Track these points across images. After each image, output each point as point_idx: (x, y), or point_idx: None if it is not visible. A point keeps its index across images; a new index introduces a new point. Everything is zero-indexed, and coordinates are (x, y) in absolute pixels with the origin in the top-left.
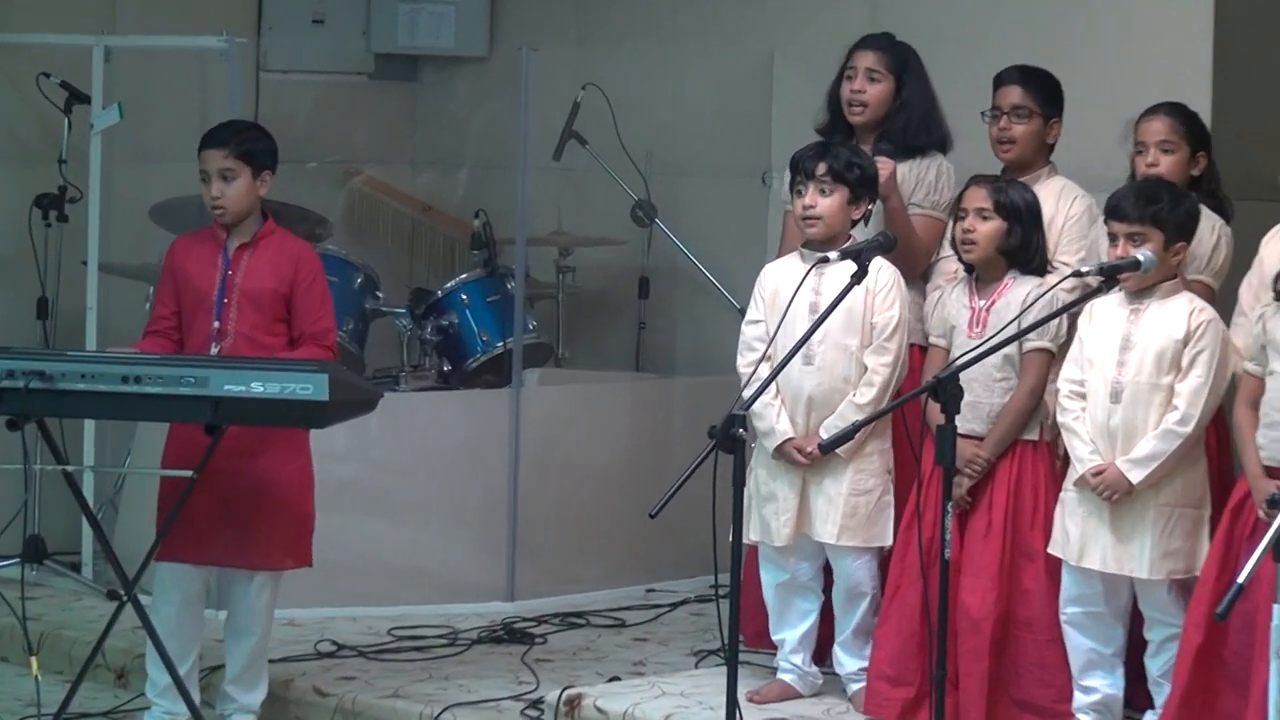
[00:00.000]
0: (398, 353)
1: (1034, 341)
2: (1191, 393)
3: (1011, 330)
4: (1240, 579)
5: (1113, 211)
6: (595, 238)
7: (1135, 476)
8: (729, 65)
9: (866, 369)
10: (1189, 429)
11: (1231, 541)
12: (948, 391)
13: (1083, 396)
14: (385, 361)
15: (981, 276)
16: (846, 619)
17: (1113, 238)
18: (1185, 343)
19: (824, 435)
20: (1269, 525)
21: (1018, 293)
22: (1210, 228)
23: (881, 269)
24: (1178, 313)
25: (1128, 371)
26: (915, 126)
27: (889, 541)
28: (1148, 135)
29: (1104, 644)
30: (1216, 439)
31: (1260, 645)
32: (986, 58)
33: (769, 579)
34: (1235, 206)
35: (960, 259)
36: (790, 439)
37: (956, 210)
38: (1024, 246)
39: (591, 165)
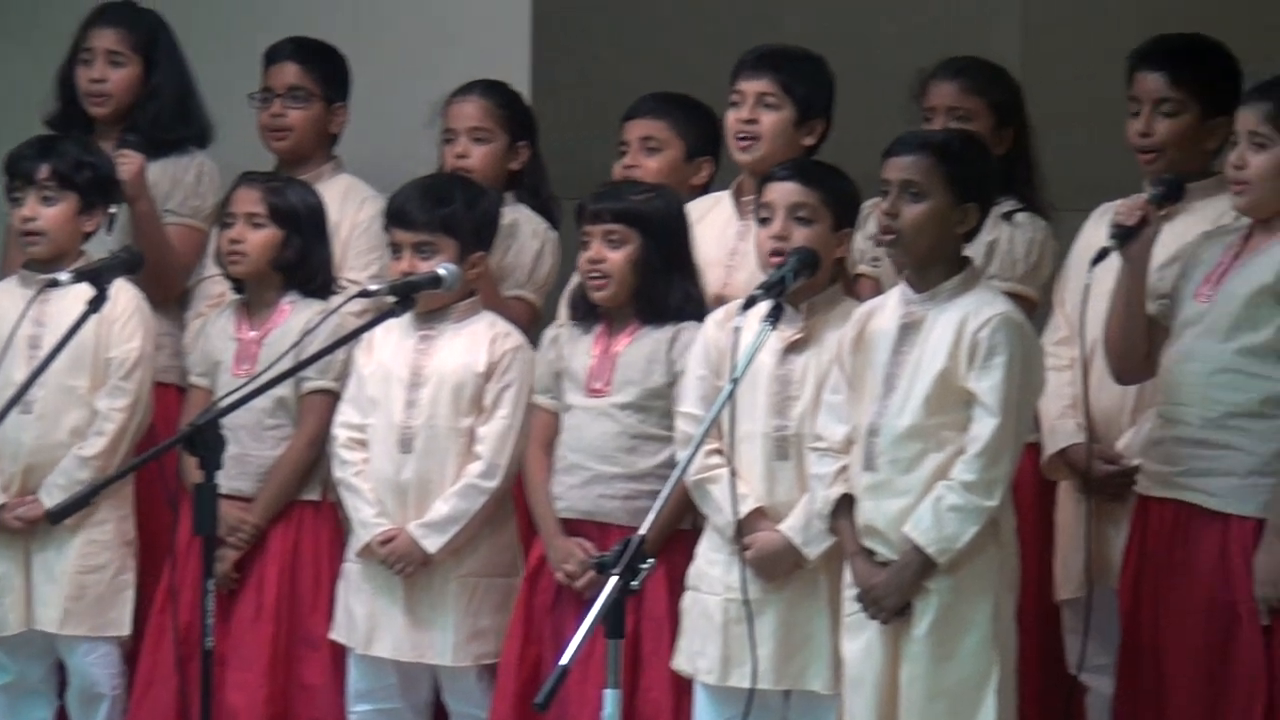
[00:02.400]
0: None
1: (314, 381)
2: (497, 438)
3: (286, 365)
4: (565, 660)
5: (396, 217)
6: None
7: (432, 544)
8: None
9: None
10: (496, 482)
11: (532, 615)
12: (206, 442)
13: (364, 445)
14: None
15: (253, 301)
16: None
17: (396, 249)
18: (488, 376)
19: (45, 499)
20: (578, 591)
21: (297, 320)
22: (532, 232)
23: (120, 292)
24: (477, 339)
25: (419, 413)
26: (169, 116)
27: (126, 630)
28: (457, 120)
29: None
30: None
31: None
32: (255, 31)
33: None
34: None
35: (226, 274)
36: (2, 505)
37: (222, 217)
38: (304, 261)
39: None
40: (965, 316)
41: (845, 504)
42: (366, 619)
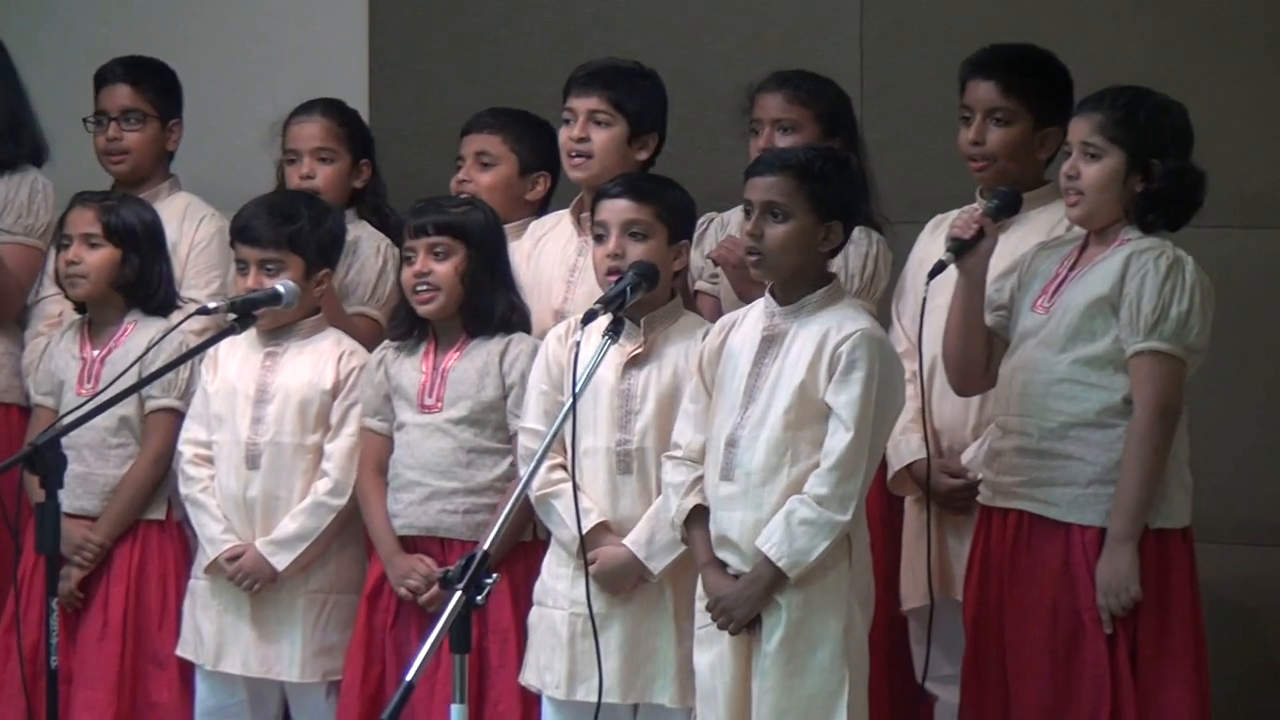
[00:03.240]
0: None
1: (158, 399)
2: (344, 455)
3: (127, 384)
4: (410, 675)
5: (241, 234)
6: None
7: (280, 562)
8: None
9: None
10: (344, 500)
11: (373, 634)
12: (47, 461)
13: (211, 462)
14: None
15: (96, 320)
16: None
17: (243, 266)
18: (335, 393)
19: None
20: (421, 607)
21: (139, 339)
22: (374, 249)
23: None
24: (324, 357)
25: (265, 430)
26: (2, 137)
27: None
28: (299, 141)
29: None
30: None
31: None
32: (88, 51)
33: None
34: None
35: (67, 295)
36: None
37: (58, 239)
38: (144, 278)
39: None
40: (827, 331)
41: (699, 514)
42: (215, 635)
